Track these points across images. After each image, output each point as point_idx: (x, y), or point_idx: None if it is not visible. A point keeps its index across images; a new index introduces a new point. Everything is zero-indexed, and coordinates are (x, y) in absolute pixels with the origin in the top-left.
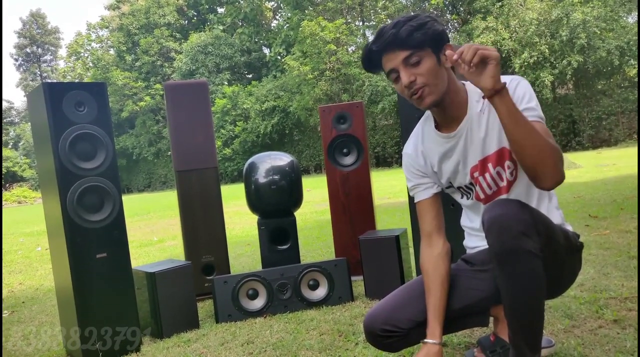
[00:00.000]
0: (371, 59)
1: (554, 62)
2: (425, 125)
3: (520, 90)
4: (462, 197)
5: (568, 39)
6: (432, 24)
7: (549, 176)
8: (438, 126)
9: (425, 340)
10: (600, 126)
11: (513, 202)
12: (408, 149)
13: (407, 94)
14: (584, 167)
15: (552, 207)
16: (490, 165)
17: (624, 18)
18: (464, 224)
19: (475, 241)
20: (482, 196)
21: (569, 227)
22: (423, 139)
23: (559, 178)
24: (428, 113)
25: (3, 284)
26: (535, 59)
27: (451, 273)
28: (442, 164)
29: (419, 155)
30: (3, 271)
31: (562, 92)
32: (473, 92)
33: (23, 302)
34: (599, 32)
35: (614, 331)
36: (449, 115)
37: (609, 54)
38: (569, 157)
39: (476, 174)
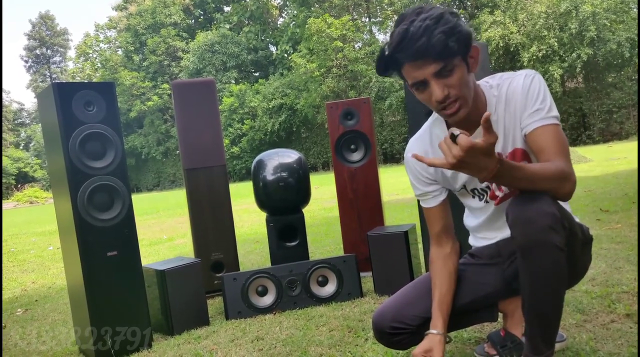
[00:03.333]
0: (390, 65)
1: (563, 55)
2: (434, 129)
3: (534, 88)
4: (473, 198)
5: (577, 31)
6: (461, 26)
7: (560, 198)
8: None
9: (428, 331)
10: (611, 119)
11: (540, 196)
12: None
13: (437, 107)
14: (595, 161)
15: (563, 202)
16: None
17: (635, 10)
18: (468, 224)
19: (481, 241)
20: (498, 194)
21: (577, 220)
22: (433, 145)
23: (570, 194)
24: (436, 116)
25: (17, 283)
26: (544, 52)
27: (458, 269)
28: (456, 172)
29: None
30: (16, 270)
31: (572, 85)
32: (490, 96)
33: (36, 300)
34: (609, 24)
35: (626, 325)
36: (468, 120)
37: (620, 46)
38: (579, 151)
39: None
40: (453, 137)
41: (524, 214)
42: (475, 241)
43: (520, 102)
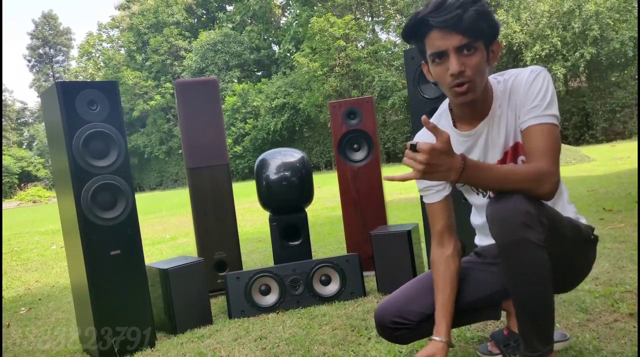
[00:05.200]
0: (417, 30)
1: (566, 54)
2: (440, 122)
3: (537, 84)
4: (477, 194)
5: (580, 30)
6: (493, 15)
7: (539, 198)
8: (455, 123)
9: (432, 337)
10: (614, 119)
11: (515, 195)
12: None
13: (450, 83)
14: (598, 160)
15: (564, 201)
16: (507, 161)
17: None
18: (475, 223)
19: (487, 240)
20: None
21: (583, 220)
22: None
23: (550, 194)
24: (444, 109)
25: (20, 282)
26: (547, 51)
27: (463, 266)
28: None
29: None
30: (20, 269)
31: (575, 85)
32: (497, 91)
33: (39, 299)
34: (612, 23)
35: (629, 324)
36: (474, 111)
37: (623, 45)
38: (582, 150)
39: None
40: (413, 147)
41: (499, 213)
42: (482, 240)
43: (521, 96)
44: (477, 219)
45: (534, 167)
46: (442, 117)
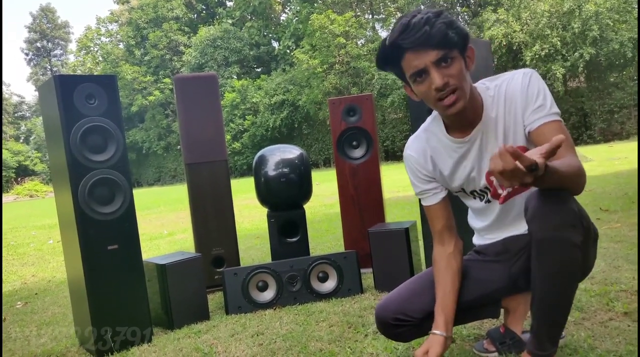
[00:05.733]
0: (390, 56)
1: (566, 54)
2: (432, 128)
3: (534, 86)
4: (474, 199)
5: (580, 31)
6: (459, 23)
7: (577, 193)
8: (448, 130)
9: (432, 331)
10: (612, 119)
11: (562, 193)
12: (413, 152)
13: (435, 97)
14: (596, 160)
15: None
16: None
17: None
18: (474, 226)
19: (485, 241)
20: (501, 192)
21: None
22: (431, 144)
23: (583, 188)
24: (434, 115)
25: (17, 276)
26: (547, 51)
27: (463, 265)
28: (455, 171)
29: (428, 160)
30: (16, 263)
31: (574, 85)
32: (487, 96)
33: (36, 293)
34: (611, 23)
35: (624, 323)
36: (465, 119)
37: (622, 46)
38: (580, 150)
39: (492, 178)
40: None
41: (546, 209)
42: (480, 240)
43: (520, 100)
44: (477, 222)
45: (572, 162)
46: (433, 125)
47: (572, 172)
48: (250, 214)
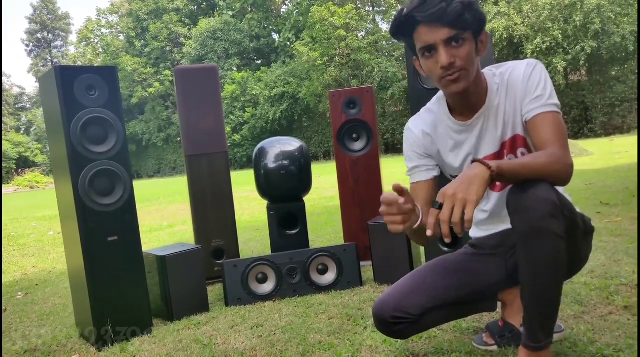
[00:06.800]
0: (404, 27)
1: (567, 47)
2: (435, 108)
3: (535, 76)
4: None
5: (582, 24)
6: (478, 6)
7: (559, 183)
8: (451, 112)
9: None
10: (613, 113)
11: (541, 184)
12: (415, 128)
13: (440, 75)
14: (596, 154)
15: (561, 191)
16: (505, 153)
17: None
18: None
19: (482, 233)
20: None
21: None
22: (433, 123)
23: (568, 178)
24: (439, 96)
25: (17, 267)
26: (548, 44)
27: (459, 259)
28: (452, 153)
29: (427, 137)
30: (17, 254)
31: (575, 78)
32: (492, 83)
33: (36, 284)
34: (613, 17)
35: (624, 317)
36: (468, 103)
37: (624, 39)
38: (580, 144)
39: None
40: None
41: (524, 201)
42: (477, 232)
43: (520, 89)
44: (476, 214)
45: (551, 152)
46: (437, 105)
47: (549, 163)
48: (250, 206)
